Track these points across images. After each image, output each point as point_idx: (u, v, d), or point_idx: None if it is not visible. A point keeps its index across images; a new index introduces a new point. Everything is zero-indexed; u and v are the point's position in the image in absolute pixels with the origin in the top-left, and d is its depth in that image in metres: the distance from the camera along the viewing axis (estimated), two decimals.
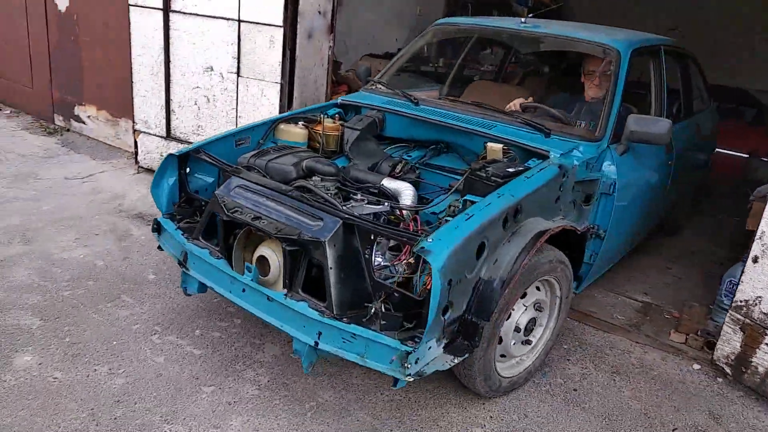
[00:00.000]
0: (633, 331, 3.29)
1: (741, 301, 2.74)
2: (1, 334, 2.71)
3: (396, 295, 2.13)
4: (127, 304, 3.06)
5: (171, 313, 3.01)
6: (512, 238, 2.25)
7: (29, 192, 4.35)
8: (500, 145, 2.69)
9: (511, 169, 2.46)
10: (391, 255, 2.34)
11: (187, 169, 2.81)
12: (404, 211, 2.46)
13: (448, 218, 2.25)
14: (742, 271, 2.74)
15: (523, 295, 2.46)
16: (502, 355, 2.53)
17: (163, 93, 4.85)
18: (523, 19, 3.44)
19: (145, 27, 4.83)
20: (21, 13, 5.96)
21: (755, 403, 2.77)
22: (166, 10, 4.64)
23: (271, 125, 3.11)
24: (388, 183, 2.63)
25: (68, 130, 5.96)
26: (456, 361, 2.16)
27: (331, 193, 2.50)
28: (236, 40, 4.36)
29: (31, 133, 5.82)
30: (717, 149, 5.42)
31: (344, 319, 2.12)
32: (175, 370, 2.61)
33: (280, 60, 4.19)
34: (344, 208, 2.35)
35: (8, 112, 6.46)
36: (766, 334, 2.65)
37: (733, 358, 2.81)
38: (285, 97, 4.25)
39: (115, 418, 2.31)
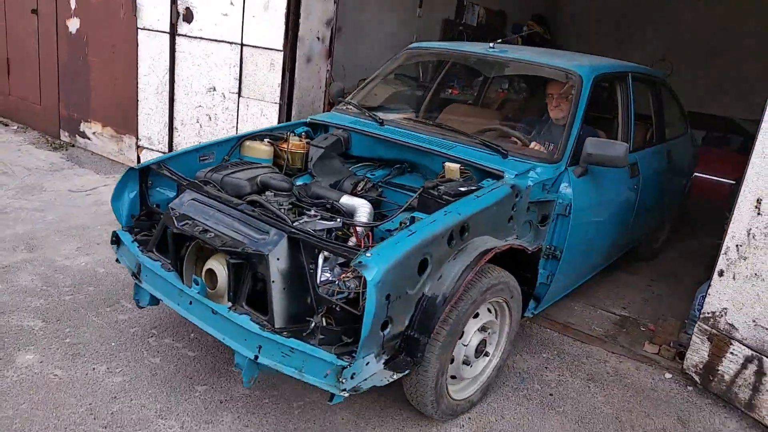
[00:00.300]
0: (609, 342, 3.43)
1: (708, 313, 2.89)
2: (5, 334, 2.85)
3: (338, 309, 2.13)
4: (125, 308, 3.20)
5: (167, 318, 3.14)
6: (458, 255, 2.27)
7: (35, 203, 4.52)
8: (457, 165, 2.73)
9: (462, 188, 2.50)
10: (339, 270, 2.31)
11: (149, 183, 2.85)
12: (358, 228, 2.46)
13: None
14: (709, 285, 2.89)
15: (476, 316, 2.47)
16: (453, 377, 2.51)
17: (166, 111, 5.07)
18: (491, 44, 3.51)
19: (152, 49, 5.06)
20: (33, 33, 6.20)
21: (722, 409, 2.90)
22: (173, 33, 4.88)
23: (237, 142, 3.15)
24: (346, 200, 2.65)
25: (73, 145, 6.15)
26: (395, 377, 2.13)
27: (284, 209, 2.52)
28: (238, 63, 4.58)
29: (38, 148, 6.02)
30: (705, 175, 5.62)
31: (284, 333, 2.11)
32: (170, 370, 2.74)
33: (280, 82, 4.40)
34: (293, 222, 2.34)
35: (15, 127, 6.66)
36: (731, 344, 2.79)
37: (701, 366, 2.95)
38: (284, 117, 4.45)
39: (112, 413, 2.43)
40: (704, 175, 5.68)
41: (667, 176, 4.08)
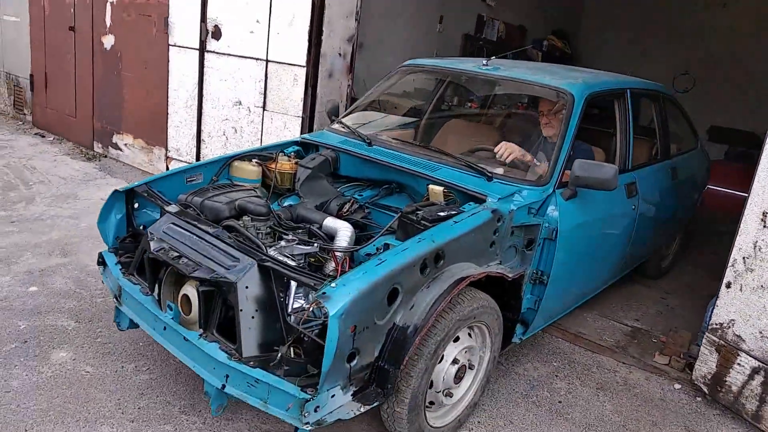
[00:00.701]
0: (620, 352, 3.49)
1: (716, 324, 2.94)
2: (42, 333, 3.03)
3: (306, 339, 2.09)
4: None
5: None
6: (431, 284, 2.20)
7: (69, 210, 4.74)
8: (441, 188, 2.66)
9: (442, 213, 2.41)
10: (312, 298, 2.18)
11: (136, 205, 2.83)
12: (337, 252, 2.41)
13: None
14: (717, 296, 2.94)
15: (456, 339, 2.42)
16: (431, 403, 2.44)
17: (195, 124, 5.28)
18: (484, 61, 3.40)
19: (182, 65, 5.29)
20: (70, 49, 6.51)
21: (730, 420, 2.94)
22: (202, 50, 5.10)
23: (225, 162, 3.12)
24: (329, 222, 2.59)
25: (106, 156, 6.42)
26: (363, 409, 2.05)
27: (261, 233, 2.49)
28: (263, 78, 4.77)
29: (72, 158, 6.29)
30: (725, 189, 5.59)
31: (250, 363, 2.06)
32: None
33: (302, 96, 4.57)
34: (269, 247, 2.32)
35: (52, 138, 6.96)
36: (738, 355, 2.83)
37: (709, 377, 2.99)
38: (306, 130, 4.61)
39: (139, 408, 2.57)
40: (724, 190, 5.69)
41: (671, 193, 3.94)
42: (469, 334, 2.51)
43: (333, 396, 1.98)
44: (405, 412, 2.22)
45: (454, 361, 2.40)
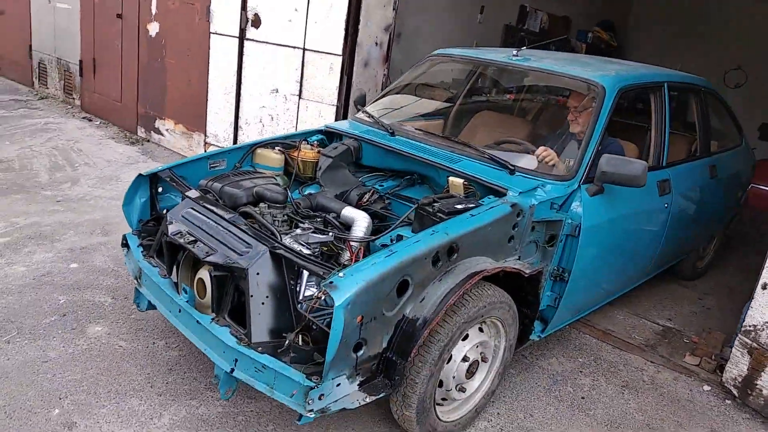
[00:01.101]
0: (649, 351, 3.42)
1: (750, 326, 2.85)
2: (80, 307, 3.17)
3: (314, 328, 2.09)
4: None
5: None
6: (444, 277, 2.17)
7: (112, 192, 4.91)
8: (461, 180, 2.63)
9: (459, 206, 2.37)
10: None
11: (159, 189, 2.87)
12: (352, 243, 2.40)
13: None
14: (752, 298, 2.85)
15: (466, 337, 2.37)
16: (444, 399, 2.43)
17: (233, 111, 5.39)
18: (514, 51, 3.34)
19: (222, 52, 5.40)
20: (117, 36, 6.71)
21: (760, 425, 2.85)
22: (242, 38, 5.19)
23: (249, 150, 3.14)
24: (348, 212, 2.59)
25: (148, 140, 6.61)
26: (368, 399, 2.04)
27: (278, 221, 2.50)
28: (300, 66, 4.83)
29: (117, 142, 6.51)
30: None
31: (258, 349, 2.07)
32: None
33: (338, 85, 4.61)
34: (281, 236, 2.31)
35: (98, 122, 7.21)
36: None
37: (740, 380, 2.91)
38: (340, 118, 4.65)
39: (167, 383, 2.67)
40: None
41: (709, 192, 3.81)
42: (480, 329, 2.46)
43: (338, 385, 1.98)
44: (414, 404, 2.21)
45: (464, 359, 2.37)
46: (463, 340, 2.36)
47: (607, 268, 3.07)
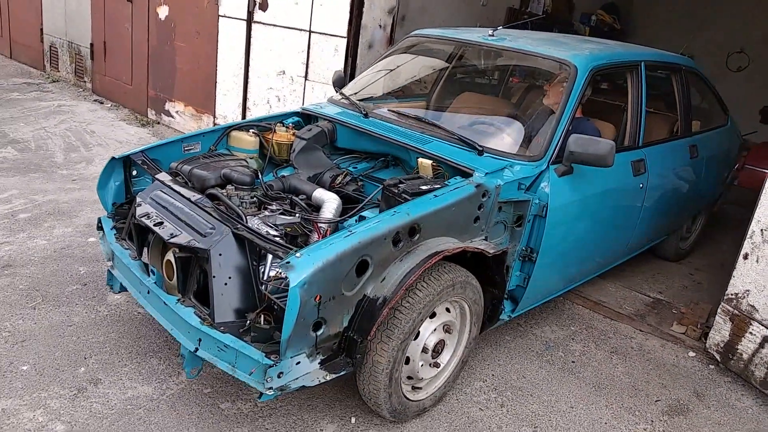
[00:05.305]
0: (638, 320, 3.59)
1: (732, 294, 3.01)
2: (99, 278, 3.35)
3: (276, 308, 2.11)
4: None
5: None
6: (405, 257, 2.20)
7: None
8: (429, 161, 2.64)
9: (424, 186, 2.38)
10: None
11: (134, 172, 2.88)
12: (320, 224, 2.43)
13: None
14: (734, 267, 3.00)
15: (432, 315, 2.40)
16: (409, 377, 2.45)
17: (241, 92, 5.54)
18: (490, 31, 3.33)
19: (230, 35, 5.54)
20: (127, 19, 6.85)
21: (740, 387, 3.03)
22: (249, 21, 5.33)
23: (224, 132, 3.14)
24: (319, 193, 2.62)
25: (158, 122, 6.78)
26: (329, 377, 2.10)
27: (246, 203, 2.53)
28: (306, 48, 4.97)
29: (128, 124, 6.68)
30: None
31: (221, 329, 2.11)
32: None
33: (342, 67, 4.74)
34: (247, 218, 2.35)
35: (109, 105, 7.38)
36: (750, 324, 2.91)
37: (722, 345, 3.07)
38: None
39: None
40: None
41: (690, 172, 3.75)
42: (448, 309, 2.49)
43: (298, 363, 2.03)
44: (380, 383, 2.25)
45: (429, 338, 2.39)
46: (431, 318, 2.40)
47: (578, 247, 3.05)
